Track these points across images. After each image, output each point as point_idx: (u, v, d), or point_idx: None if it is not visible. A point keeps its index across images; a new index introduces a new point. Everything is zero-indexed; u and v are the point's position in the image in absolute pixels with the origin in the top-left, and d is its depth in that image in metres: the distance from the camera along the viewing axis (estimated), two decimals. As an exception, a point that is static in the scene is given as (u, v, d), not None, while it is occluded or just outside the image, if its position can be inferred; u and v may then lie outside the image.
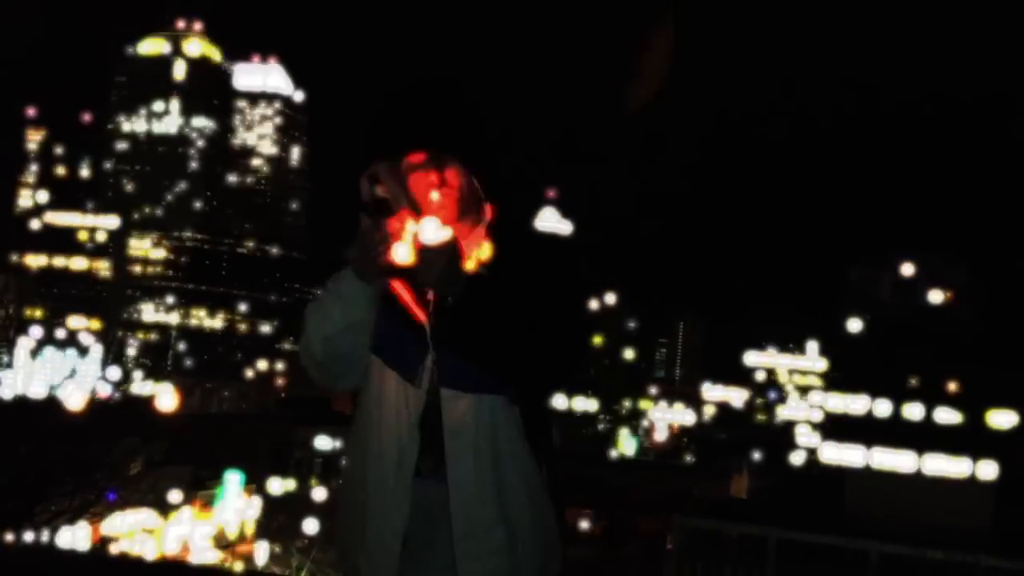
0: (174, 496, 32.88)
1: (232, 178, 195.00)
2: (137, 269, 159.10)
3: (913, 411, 59.19)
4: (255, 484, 42.50)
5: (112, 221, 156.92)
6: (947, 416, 57.17)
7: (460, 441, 2.18)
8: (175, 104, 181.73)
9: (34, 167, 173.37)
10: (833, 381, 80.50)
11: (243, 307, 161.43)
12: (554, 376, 2.20)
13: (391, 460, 2.21)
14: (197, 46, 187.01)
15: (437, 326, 2.19)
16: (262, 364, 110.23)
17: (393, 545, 2.21)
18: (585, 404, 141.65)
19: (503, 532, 2.18)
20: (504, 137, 2.29)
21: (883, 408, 59.49)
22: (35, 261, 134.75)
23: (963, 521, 36.82)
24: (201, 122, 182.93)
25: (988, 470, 46.66)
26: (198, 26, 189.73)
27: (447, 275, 2.07)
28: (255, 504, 42.08)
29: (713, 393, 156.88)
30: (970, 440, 53.89)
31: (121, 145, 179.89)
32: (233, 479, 40.35)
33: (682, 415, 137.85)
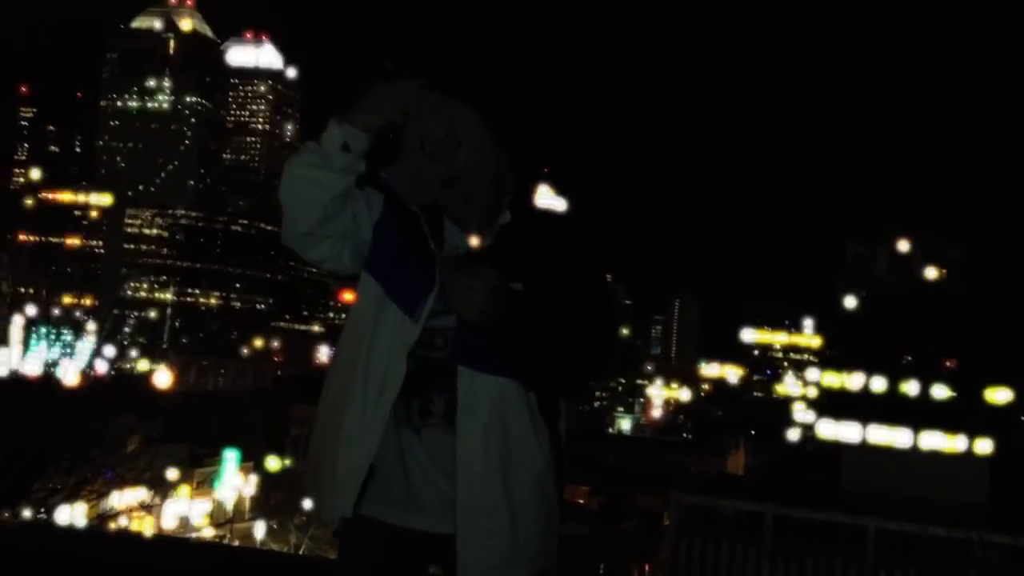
0: (171, 473, 32.89)
1: (226, 155, 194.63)
2: (131, 246, 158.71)
3: (909, 387, 59.40)
4: (252, 461, 42.57)
5: (106, 198, 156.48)
6: (943, 392, 57.42)
7: (472, 419, 2.15)
8: (167, 81, 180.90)
9: (26, 144, 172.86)
10: (829, 358, 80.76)
11: (238, 284, 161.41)
12: (585, 377, 2.22)
13: (374, 388, 2.19)
14: (189, 23, 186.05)
15: (459, 325, 2.15)
16: (258, 341, 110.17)
17: (359, 475, 2.19)
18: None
19: (505, 514, 2.18)
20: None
21: (879, 384, 59.67)
22: (29, 238, 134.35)
23: (960, 497, 36.93)
24: (194, 99, 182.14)
25: (984, 446, 46.89)
26: (190, 3, 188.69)
27: (485, 313, 2.05)
28: (252, 481, 42.14)
29: (709, 370, 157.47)
30: (966, 416, 54.14)
31: (113, 122, 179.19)
32: (230, 457, 40.42)
33: (678, 392, 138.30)
